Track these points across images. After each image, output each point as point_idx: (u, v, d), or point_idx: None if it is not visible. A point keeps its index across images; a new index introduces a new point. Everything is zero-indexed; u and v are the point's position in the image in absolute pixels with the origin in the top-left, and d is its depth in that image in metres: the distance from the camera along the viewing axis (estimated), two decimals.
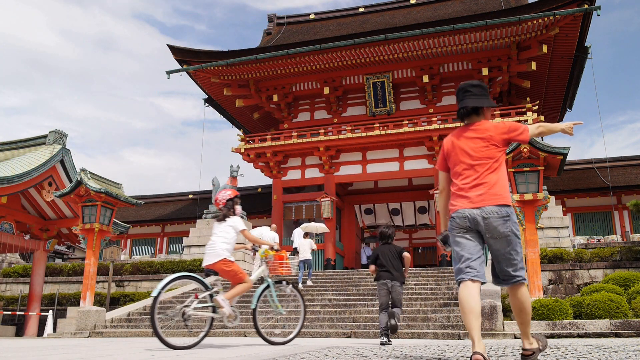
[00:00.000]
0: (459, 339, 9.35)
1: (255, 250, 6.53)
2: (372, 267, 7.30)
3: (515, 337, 9.17)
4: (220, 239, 6.01)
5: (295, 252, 16.13)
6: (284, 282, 6.54)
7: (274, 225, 16.63)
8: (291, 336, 6.57)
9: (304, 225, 16.41)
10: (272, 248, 6.45)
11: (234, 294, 5.91)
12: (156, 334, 5.17)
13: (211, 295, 5.72)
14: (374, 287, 14.20)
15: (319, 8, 74.97)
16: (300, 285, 14.87)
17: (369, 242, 25.66)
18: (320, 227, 17.87)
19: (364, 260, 23.59)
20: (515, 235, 3.60)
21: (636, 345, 5.52)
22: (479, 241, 3.64)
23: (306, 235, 15.78)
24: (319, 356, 4.38)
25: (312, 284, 15.41)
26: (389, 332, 6.84)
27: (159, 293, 5.23)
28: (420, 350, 4.77)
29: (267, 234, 15.43)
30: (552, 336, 9.13)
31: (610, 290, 10.79)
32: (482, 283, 3.55)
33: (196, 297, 5.65)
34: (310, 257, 15.24)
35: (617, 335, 9.13)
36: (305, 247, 15.09)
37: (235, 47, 52.40)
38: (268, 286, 6.36)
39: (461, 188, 3.71)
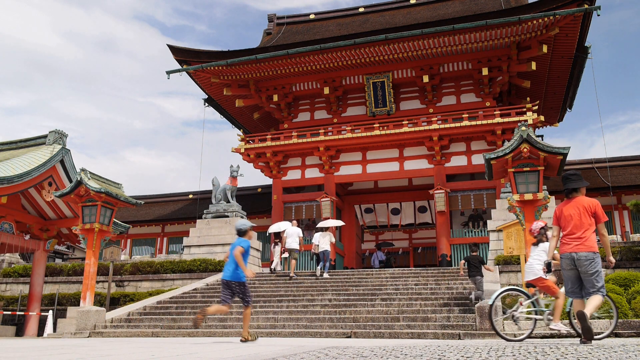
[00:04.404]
0: (459, 338, 9.35)
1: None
2: (463, 262, 12.36)
3: (516, 337, 9.15)
4: (536, 261, 7.60)
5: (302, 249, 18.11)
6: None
7: (294, 222, 18.06)
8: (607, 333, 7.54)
9: (322, 222, 18.60)
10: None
11: (557, 314, 7.31)
12: (494, 329, 7.10)
13: (533, 303, 7.24)
14: (374, 287, 14.32)
15: (319, 8, 74.97)
16: (325, 275, 16.27)
17: (381, 247, 26.20)
18: (336, 222, 19.92)
19: (376, 265, 23.92)
20: (597, 271, 5.98)
21: (636, 345, 5.52)
22: (577, 274, 6.11)
23: (325, 229, 17.36)
24: (319, 356, 4.38)
25: (328, 276, 16.34)
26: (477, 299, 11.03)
27: (494, 301, 7.14)
28: (420, 350, 4.77)
29: (290, 229, 17.28)
30: (552, 336, 9.13)
31: (610, 290, 10.77)
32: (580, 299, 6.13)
33: (521, 304, 7.29)
34: (329, 249, 16.78)
35: (617, 335, 9.12)
36: (325, 239, 16.77)
37: (236, 47, 52.39)
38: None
39: (568, 239, 6.17)
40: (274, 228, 18.89)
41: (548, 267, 6.58)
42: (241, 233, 7.52)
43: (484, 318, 9.72)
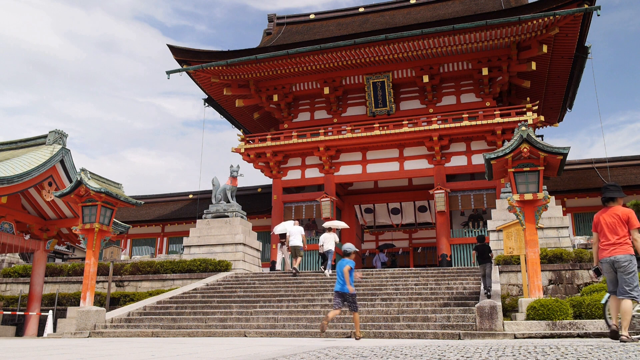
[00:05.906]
0: (459, 338, 9.34)
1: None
2: (474, 252, 13.48)
3: (515, 337, 9.16)
4: None
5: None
6: None
7: (296, 222, 18.37)
8: None
9: (328, 223, 18.88)
10: None
11: None
12: (607, 324, 7.09)
13: None
14: (374, 287, 14.31)
15: (319, 8, 74.93)
16: (328, 272, 16.50)
17: (383, 249, 26.28)
18: (341, 224, 20.13)
19: (377, 266, 24.06)
20: (633, 271, 6.53)
21: (636, 345, 5.53)
22: (616, 276, 6.65)
23: (330, 229, 17.70)
24: (319, 356, 4.38)
25: (329, 275, 16.40)
26: (488, 290, 12.15)
27: (607, 300, 7.25)
28: (420, 350, 4.77)
29: (293, 228, 17.65)
30: (552, 336, 9.13)
31: None
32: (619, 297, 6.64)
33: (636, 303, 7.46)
34: (333, 249, 17.14)
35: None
36: (329, 240, 17.21)
37: (236, 47, 52.32)
38: None
39: (604, 245, 6.79)
40: (279, 229, 19.05)
41: (597, 273, 7.05)
42: (347, 254, 8.87)
43: (484, 318, 9.71)
